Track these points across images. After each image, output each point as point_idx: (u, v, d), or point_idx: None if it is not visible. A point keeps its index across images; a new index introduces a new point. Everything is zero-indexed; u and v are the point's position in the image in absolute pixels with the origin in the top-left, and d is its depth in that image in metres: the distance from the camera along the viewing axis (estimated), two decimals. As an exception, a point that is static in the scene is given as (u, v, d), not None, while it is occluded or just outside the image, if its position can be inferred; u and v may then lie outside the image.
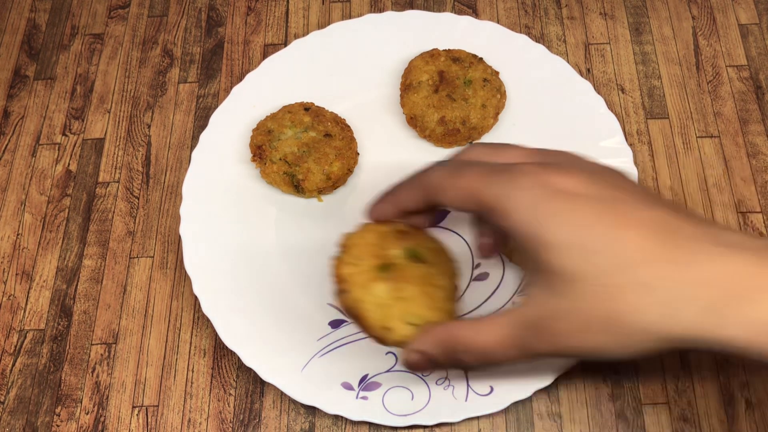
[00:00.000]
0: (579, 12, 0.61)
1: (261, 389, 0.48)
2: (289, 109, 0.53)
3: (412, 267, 0.40)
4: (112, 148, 0.56)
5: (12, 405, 0.48)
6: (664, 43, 0.59)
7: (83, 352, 0.49)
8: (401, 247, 0.41)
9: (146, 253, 0.52)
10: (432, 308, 0.39)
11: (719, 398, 0.47)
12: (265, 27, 0.61)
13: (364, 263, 0.40)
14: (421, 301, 0.39)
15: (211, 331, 0.50)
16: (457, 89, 0.53)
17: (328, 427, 0.47)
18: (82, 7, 0.63)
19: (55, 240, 0.53)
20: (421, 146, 0.54)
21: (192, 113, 0.58)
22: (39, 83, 0.60)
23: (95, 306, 0.51)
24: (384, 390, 0.46)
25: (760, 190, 0.53)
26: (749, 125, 0.56)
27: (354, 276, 0.39)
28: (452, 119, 0.52)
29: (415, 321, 0.39)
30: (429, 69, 0.54)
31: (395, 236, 0.41)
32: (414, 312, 0.39)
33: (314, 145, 0.51)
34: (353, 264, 0.40)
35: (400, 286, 0.39)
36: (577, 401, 0.47)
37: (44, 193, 0.55)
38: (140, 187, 0.55)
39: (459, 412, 0.45)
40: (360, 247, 0.40)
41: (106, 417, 0.47)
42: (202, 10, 0.62)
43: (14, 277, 0.52)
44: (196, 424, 0.47)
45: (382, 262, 0.40)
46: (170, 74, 0.59)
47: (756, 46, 0.59)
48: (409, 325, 0.39)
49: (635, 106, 0.57)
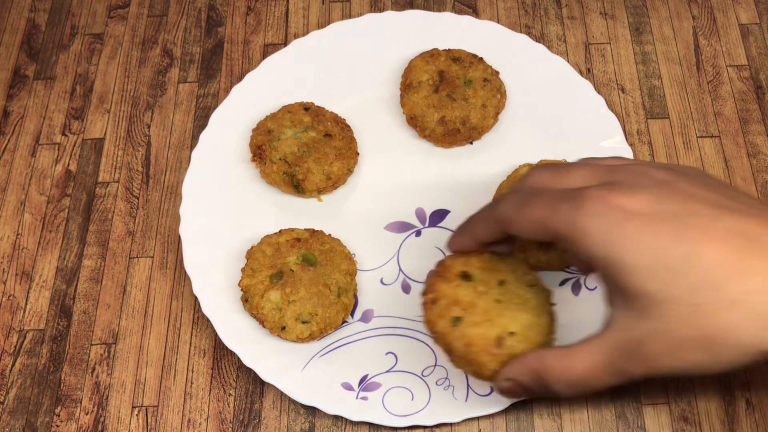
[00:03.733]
0: (579, 12, 0.61)
1: (261, 389, 0.48)
2: (289, 109, 0.53)
3: (304, 272, 0.46)
4: (112, 148, 0.56)
5: (12, 405, 0.48)
6: (665, 43, 0.59)
7: (83, 352, 0.49)
8: (294, 254, 0.46)
9: (146, 253, 0.52)
10: (323, 306, 0.46)
11: (719, 398, 0.47)
12: (265, 27, 0.61)
13: (262, 274, 0.46)
14: (311, 301, 0.46)
15: (211, 331, 0.50)
16: (457, 89, 0.53)
17: (328, 427, 0.47)
18: (82, 7, 0.63)
19: (54, 240, 0.53)
20: (421, 146, 0.54)
21: (192, 113, 0.58)
22: (39, 83, 0.60)
23: (95, 306, 0.51)
24: (384, 390, 0.46)
25: (761, 190, 0.53)
26: (749, 125, 0.56)
27: (252, 286, 0.46)
28: (452, 119, 0.52)
29: (306, 319, 0.45)
30: (429, 69, 0.54)
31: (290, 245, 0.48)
32: (305, 311, 0.45)
33: (314, 145, 0.51)
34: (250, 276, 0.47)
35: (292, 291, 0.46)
36: (577, 401, 0.47)
37: (44, 193, 0.55)
38: (140, 187, 0.55)
39: (459, 412, 0.45)
40: (258, 260, 0.47)
41: (105, 417, 0.47)
42: (202, 10, 0.62)
43: (14, 277, 0.52)
44: (195, 425, 0.47)
45: (277, 270, 0.46)
46: (170, 74, 0.59)
47: (756, 46, 0.59)
48: (302, 323, 0.45)
49: (635, 105, 0.57)
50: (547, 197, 0.37)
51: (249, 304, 0.47)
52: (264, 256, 0.48)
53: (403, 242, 0.51)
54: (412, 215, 0.52)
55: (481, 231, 0.41)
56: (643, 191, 0.35)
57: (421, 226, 0.52)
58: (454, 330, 0.39)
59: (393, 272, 0.50)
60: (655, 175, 0.36)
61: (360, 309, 0.49)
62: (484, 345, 0.39)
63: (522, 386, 0.38)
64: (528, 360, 0.38)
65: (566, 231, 0.35)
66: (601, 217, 0.34)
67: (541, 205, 0.36)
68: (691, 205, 0.34)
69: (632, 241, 0.33)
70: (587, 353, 0.36)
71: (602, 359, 0.36)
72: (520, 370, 0.38)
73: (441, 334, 0.40)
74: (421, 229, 0.52)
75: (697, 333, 0.33)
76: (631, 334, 0.35)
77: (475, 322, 0.39)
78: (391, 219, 0.52)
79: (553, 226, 0.36)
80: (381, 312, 0.49)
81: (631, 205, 0.34)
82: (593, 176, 0.38)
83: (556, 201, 0.36)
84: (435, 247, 0.51)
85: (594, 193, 0.35)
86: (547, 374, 0.37)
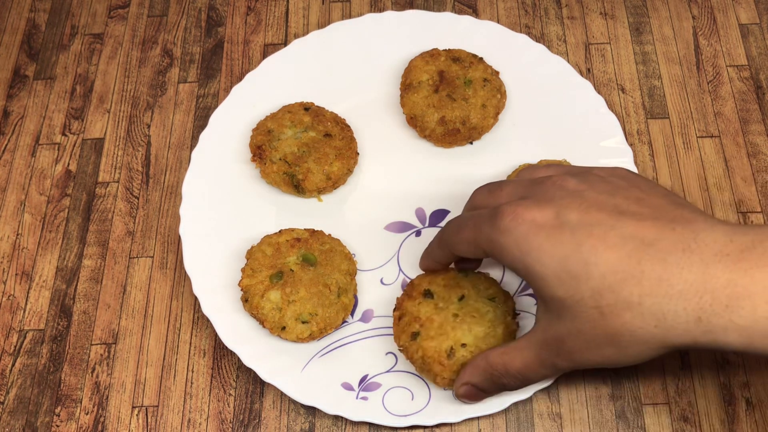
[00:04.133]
0: (579, 12, 0.61)
1: (261, 389, 0.48)
2: (289, 109, 0.53)
3: (304, 272, 0.47)
4: (112, 148, 0.56)
5: (12, 405, 0.48)
6: (665, 43, 0.59)
7: (83, 352, 0.49)
8: (294, 254, 0.47)
9: (146, 253, 0.52)
10: (323, 306, 0.46)
11: (719, 398, 0.47)
12: (265, 27, 0.61)
13: (262, 274, 0.47)
14: (311, 301, 0.46)
15: (211, 331, 0.50)
16: (457, 89, 0.53)
17: (328, 427, 0.47)
18: (82, 7, 0.63)
19: (54, 240, 0.53)
20: (421, 146, 0.54)
21: (192, 113, 0.58)
22: (39, 83, 0.60)
23: (95, 306, 0.51)
24: (384, 390, 0.46)
25: (761, 190, 0.53)
26: (749, 125, 0.56)
27: (252, 286, 0.46)
28: (452, 119, 0.52)
29: (306, 319, 0.46)
30: (429, 69, 0.54)
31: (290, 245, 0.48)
32: (305, 311, 0.46)
33: (314, 145, 0.51)
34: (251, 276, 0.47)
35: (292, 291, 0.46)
36: (577, 401, 0.47)
37: (44, 193, 0.55)
38: (140, 187, 0.55)
39: (459, 412, 0.45)
40: (258, 260, 0.47)
41: (105, 417, 0.47)
42: (202, 10, 0.62)
43: (14, 277, 0.52)
44: (195, 425, 0.47)
45: (277, 270, 0.47)
46: (170, 74, 0.59)
47: (756, 46, 0.59)
48: (302, 323, 0.46)
49: (635, 105, 0.57)
50: (475, 218, 0.40)
51: (249, 304, 0.47)
52: (264, 256, 0.48)
53: (403, 242, 0.51)
54: (412, 215, 0.52)
55: (438, 255, 0.45)
56: (551, 204, 0.38)
57: (421, 226, 0.52)
58: (414, 344, 0.44)
59: (393, 272, 0.50)
60: (569, 186, 0.39)
61: (360, 309, 0.49)
62: (437, 356, 0.43)
63: (476, 387, 0.42)
64: (476, 361, 0.42)
65: (489, 248, 0.39)
66: (512, 231, 0.38)
67: (470, 226, 0.41)
68: (593, 214, 0.37)
69: (540, 251, 0.37)
70: (522, 350, 0.40)
71: (534, 354, 0.40)
72: (472, 372, 0.42)
73: (404, 347, 0.45)
74: (421, 229, 0.52)
75: (604, 332, 0.36)
76: (553, 333, 0.38)
77: (430, 336, 0.44)
78: (391, 219, 0.52)
79: (480, 245, 0.40)
80: (381, 312, 0.49)
81: (540, 218, 0.37)
82: (516, 192, 0.41)
83: (480, 221, 0.40)
84: (435, 247, 0.51)
85: (507, 209, 0.38)
86: (493, 370, 0.41)
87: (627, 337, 0.36)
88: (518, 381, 0.41)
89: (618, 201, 0.38)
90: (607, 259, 0.35)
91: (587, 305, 0.36)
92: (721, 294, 0.33)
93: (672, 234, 0.35)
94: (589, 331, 0.37)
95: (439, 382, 0.44)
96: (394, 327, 0.46)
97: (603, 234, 0.36)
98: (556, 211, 0.37)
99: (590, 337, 0.37)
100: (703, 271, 0.34)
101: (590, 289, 0.36)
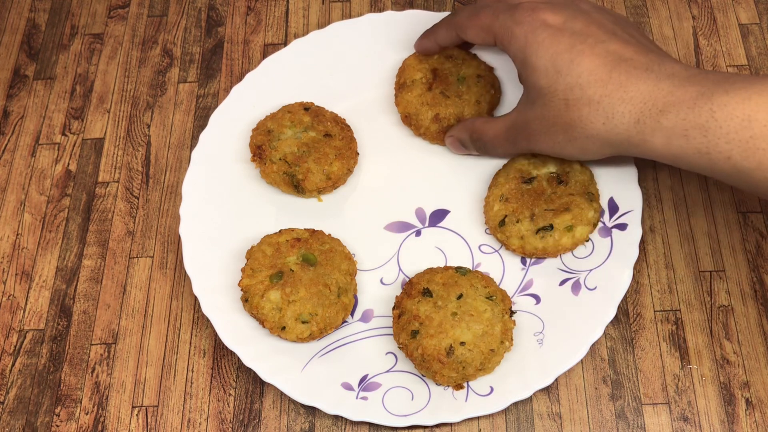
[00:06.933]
0: (579, 12, 0.61)
1: (261, 389, 0.48)
2: (288, 109, 0.53)
3: (304, 272, 0.47)
4: (112, 148, 0.56)
5: (12, 405, 0.48)
6: (665, 43, 0.59)
7: (83, 352, 0.49)
8: (294, 254, 0.48)
9: (146, 253, 0.52)
10: (323, 306, 0.46)
11: (719, 398, 0.47)
12: (265, 27, 0.61)
13: (262, 274, 0.47)
14: (311, 301, 0.46)
15: (210, 331, 0.50)
16: (450, 86, 0.53)
17: (328, 427, 0.47)
18: (82, 7, 0.63)
19: (54, 240, 0.53)
20: (417, 144, 0.54)
21: (192, 113, 0.58)
22: (38, 83, 0.60)
23: (95, 306, 0.51)
24: (384, 390, 0.46)
25: (761, 189, 0.53)
26: (749, 125, 0.55)
27: (252, 286, 0.47)
28: (446, 116, 0.52)
29: (306, 319, 0.46)
30: (422, 67, 0.54)
31: (290, 245, 0.48)
32: (305, 311, 0.46)
33: (314, 145, 0.51)
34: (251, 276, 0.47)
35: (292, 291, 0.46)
36: (577, 401, 0.47)
37: (44, 193, 0.55)
38: (140, 187, 0.55)
39: (459, 412, 0.45)
40: (258, 260, 0.48)
41: (105, 417, 0.47)
42: (201, 10, 0.62)
43: (14, 277, 0.52)
44: (195, 425, 0.47)
45: (277, 270, 0.47)
46: (170, 74, 0.59)
47: (756, 46, 0.59)
48: (302, 323, 0.46)
49: (635, 105, 0.56)
50: (495, 8, 0.47)
51: (249, 304, 0.47)
52: (264, 256, 0.48)
53: (403, 242, 0.51)
54: (412, 215, 0.52)
55: (442, 36, 0.51)
56: (563, 12, 0.45)
57: (421, 226, 0.52)
58: (413, 342, 0.45)
59: (393, 272, 0.50)
60: (582, 6, 0.46)
61: (360, 309, 0.49)
62: (436, 354, 0.44)
63: (460, 140, 0.51)
64: (467, 122, 0.51)
65: (501, 34, 0.46)
66: (525, 25, 0.45)
67: (487, 14, 0.47)
68: (592, 28, 0.44)
69: (540, 46, 0.44)
70: (498, 123, 0.49)
71: (504, 129, 0.48)
72: (460, 129, 0.51)
73: (403, 345, 0.45)
74: (421, 229, 0.52)
75: (562, 120, 0.44)
76: (524, 116, 0.47)
77: (430, 334, 0.45)
78: (391, 219, 0.52)
79: (494, 30, 0.46)
80: (381, 312, 0.49)
81: (551, 19, 0.44)
82: None
83: (498, 11, 0.46)
84: (435, 247, 0.51)
85: (528, 5, 0.45)
86: (473, 133, 0.50)
87: (579, 129, 0.43)
88: (489, 146, 0.50)
89: (616, 28, 0.44)
90: (588, 63, 0.42)
91: (558, 96, 0.43)
92: (660, 102, 0.40)
93: (644, 57, 0.42)
94: (551, 118, 0.44)
95: (438, 380, 0.45)
96: (393, 325, 0.47)
97: (593, 44, 0.43)
98: (565, 19, 0.44)
99: (551, 122, 0.44)
100: (655, 84, 0.41)
101: (565, 83, 0.43)
